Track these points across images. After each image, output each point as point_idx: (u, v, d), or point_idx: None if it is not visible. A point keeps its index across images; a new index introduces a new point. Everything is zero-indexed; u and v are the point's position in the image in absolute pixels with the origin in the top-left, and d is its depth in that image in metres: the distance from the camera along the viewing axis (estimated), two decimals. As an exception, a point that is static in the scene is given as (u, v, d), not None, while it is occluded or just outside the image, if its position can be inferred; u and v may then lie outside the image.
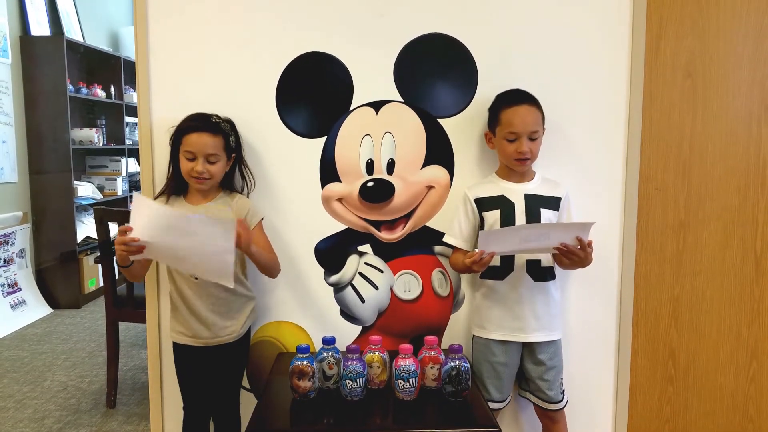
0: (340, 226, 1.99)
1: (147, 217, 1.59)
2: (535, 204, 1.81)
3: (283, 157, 1.96)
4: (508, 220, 1.79)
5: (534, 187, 1.84)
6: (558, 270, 1.87)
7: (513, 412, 2.02)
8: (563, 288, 1.96)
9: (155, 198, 1.87)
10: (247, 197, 1.90)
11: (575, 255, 1.70)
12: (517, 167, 1.81)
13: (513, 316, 1.82)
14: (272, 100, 1.93)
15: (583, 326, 2.03)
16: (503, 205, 1.81)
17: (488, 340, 1.86)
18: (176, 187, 1.82)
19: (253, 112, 1.93)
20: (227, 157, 1.79)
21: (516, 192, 1.82)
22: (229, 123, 1.82)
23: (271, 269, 1.84)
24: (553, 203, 1.83)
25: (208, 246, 1.58)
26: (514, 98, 1.80)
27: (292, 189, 1.97)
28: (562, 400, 1.88)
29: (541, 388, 1.86)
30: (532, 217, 1.79)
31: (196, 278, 1.77)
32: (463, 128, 1.95)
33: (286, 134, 1.95)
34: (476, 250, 1.68)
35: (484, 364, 1.86)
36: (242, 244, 1.63)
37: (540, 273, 1.82)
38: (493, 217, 1.81)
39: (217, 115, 1.80)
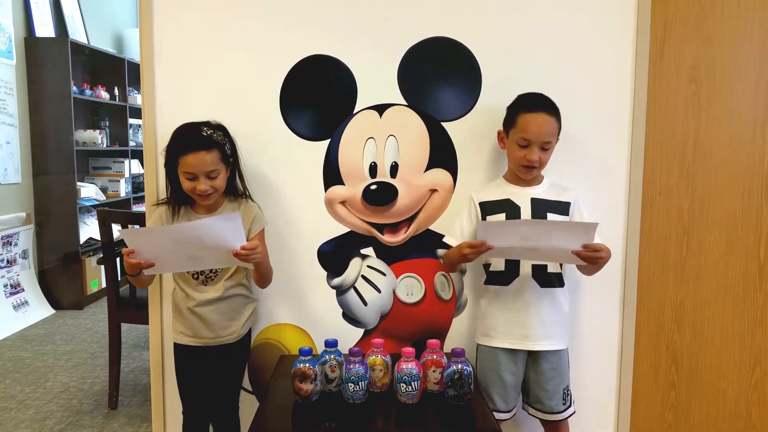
0: (343, 229, 1.99)
1: (148, 242, 1.61)
2: (542, 208, 1.79)
3: (286, 159, 1.96)
4: (512, 224, 1.78)
5: (541, 191, 1.82)
6: (567, 278, 1.85)
7: (517, 420, 2.00)
8: (568, 296, 1.94)
9: (158, 204, 1.86)
10: (252, 200, 1.89)
11: (597, 259, 1.65)
12: (522, 174, 1.79)
13: (519, 323, 1.80)
14: (276, 102, 1.94)
15: (586, 331, 2.03)
16: (508, 208, 1.80)
17: (494, 349, 1.83)
18: (178, 200, 1.80)
19: (257, 115, 1.93)
20: (226, 165, 1.76)
21: (522, 196, 1.81)
22: (221, 130, 1.76)
23: (265, 281, 1.84)
24: (561, 208, 1.80)
25: (219, 241, 1.60)
26: (534, 104, 1.75)
27: (296, 191, 1.97)
28: (563, 411, 1.84)
29: (541, 398, 1.83)
30: (538, 221, 1.78)
31: (205, 284, 1.78)
32: (467, 132, 1.95)
33: (290, 137, 1.95)
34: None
35: (489, 373, 1.83)
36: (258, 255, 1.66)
37: (546, 279, 1.79)
38: (496, 220, 1.80)
39: (206, 124, 1.74)
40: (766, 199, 2.03)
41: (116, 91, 5.12)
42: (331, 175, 1.97)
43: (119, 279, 2.78)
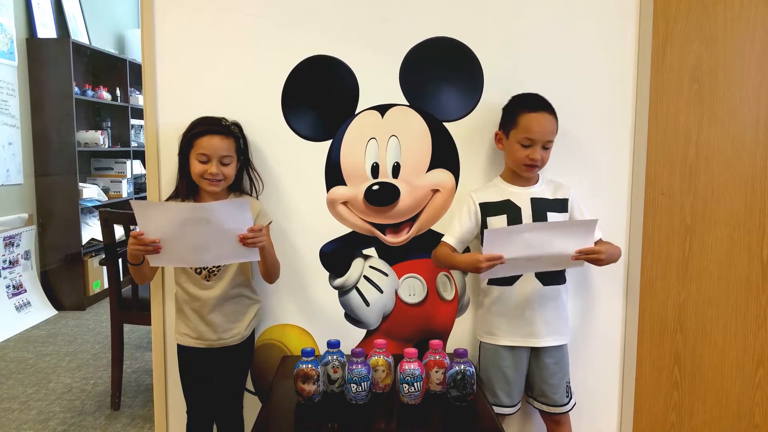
0: (345, 230, 1.99)
1: (157, 218, 1.60)
2: (542, 208, 1.80)
3: (288, 160, 1.96)
4: (514, 225, 1.78)
5: (539, 190, 1.84)
6: (569, 275, 1.86)
7: (519, 416, 2.01)
8: (569, 292, 1.95)
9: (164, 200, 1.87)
10: (257, 199, 1.90)
11: (595, 260, 1.68)
12: (524, 173, 1.81)
13: (523, 322, 1.81)
14: (278, 103, 1.94)
15: (589, 331, 2.03)
16: (509, 210, 1.81)
17: (496, 346, 1.85)
18: (186, 190, 1.82)
19: (259, 115, 1.93)
20: (237, 160, 1.80)
21: (522, 196, 1.82)
22: (237, 126, 1.83)
23: (273, 273, 1.84)
24: (560, 206, 1.82)
25: (227, 226, 1.60)
26: (535, 104, 1.78)
27: (298, 192, 1.97)
28: (567, 403, 1.87)
29: (545, 392, 1.86)
30: (539, 221, 1.78)
31: (208, 279, 1.77)
32: (469, 132, 1.95)
33: (292, 137, 1.95)
34: (482, 246, 1.67)
35: (492, 369, 1.85)
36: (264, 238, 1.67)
37: (549, 277, 1.80)
38: (499, 222, 1.80)
39: (224, 118, 1.80)
40: (769, 199, 2.03)
41: (118, 92, 5.13)
42: (333, 175, 1.97)
43: (121, 280, 2.78)
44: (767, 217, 2.04)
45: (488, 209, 1.83)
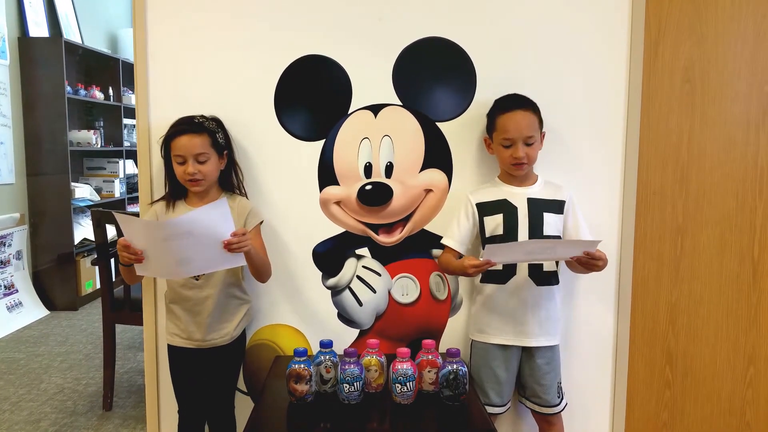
0: (338, 230, 1.99)
1: (139, 232, 1.59)
2: (538, 208, 1.80)
3: (281, 160, 1.96)
4: (510, 224, 1.79)
5: (536, 191, 1.84)
6: (561, 275, 1.87)
7: (511, 416, 2.01)
8: (561, 292, 1.95)
9: (154, 203, 1.86)
10: (246, 197, 1.90)
11: (589, 267, 1.72)
12: (514, 172, 1.81)
13: (515, 321, 1.82)
14: (271, 102, 1.93)
15: (581, 330, 2.03)
16: (506, 209, 1.81)
17: (488, 345, 1.85)
18: (175, 193, 1.82)
19: (251, 115, 1.93)
20: (218, 154, 1.78)
21: (518, 196, 1.82)
22: (215, 121, 1.81)
23: (263, 273, 1.82)
24: (556, 207, 1.83)
25: (209, 233, 1.57)
26: (508, 104, 1.80)
27: (291, 192, 1.97)
28: (559, 404, 1.88)
29: (537, 392, 1.86)
30: (535, 221, 1.79)
31: (197, 278, 1.77)
32: (462, 132, 1.95)
33: (285, 137, 1.95)
34: (481, 258, 1.68)
35: (483, 368, 1.85)
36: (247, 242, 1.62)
37: (543, 277, 1.81)
38: (495, 221, 1.81)
39: (201, 115, 1.80)
40: (760, 199, 2.04)
41: (110, 91, 5.11)
42: (326, 175, 1.96)
43: (114, 280, 2.77)
44: (758, 217, 2.05)
45: (485, 209, 1.83)
